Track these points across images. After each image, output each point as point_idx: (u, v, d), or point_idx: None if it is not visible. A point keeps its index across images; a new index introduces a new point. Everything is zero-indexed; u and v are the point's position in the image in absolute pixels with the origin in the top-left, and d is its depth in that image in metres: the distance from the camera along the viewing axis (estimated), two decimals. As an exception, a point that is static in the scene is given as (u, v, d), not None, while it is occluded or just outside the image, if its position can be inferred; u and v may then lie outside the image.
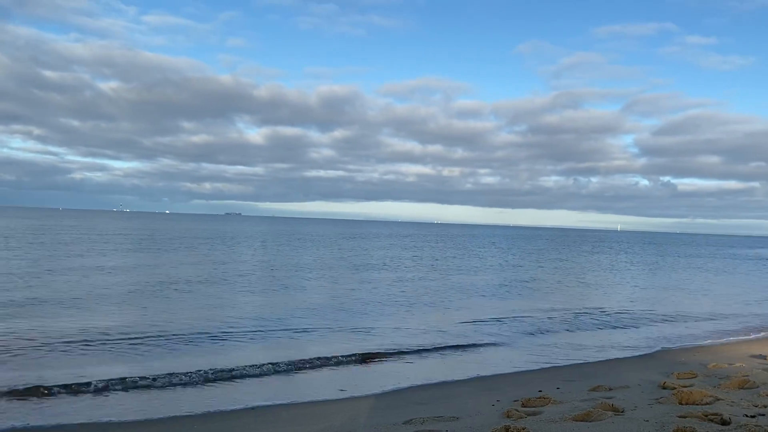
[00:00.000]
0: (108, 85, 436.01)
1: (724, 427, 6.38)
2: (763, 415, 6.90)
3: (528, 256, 57.90)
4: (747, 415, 6.85)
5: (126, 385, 9.79)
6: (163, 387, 9.92)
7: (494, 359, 12.89)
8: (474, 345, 14.13)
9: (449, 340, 14.52)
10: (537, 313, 19.74)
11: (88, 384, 9.55)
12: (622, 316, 19.92)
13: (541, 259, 53.68)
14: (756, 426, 6.18)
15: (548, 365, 12.26)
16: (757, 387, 8.77)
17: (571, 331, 16.52)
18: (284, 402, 9.32)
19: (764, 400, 7.84)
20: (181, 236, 69.29)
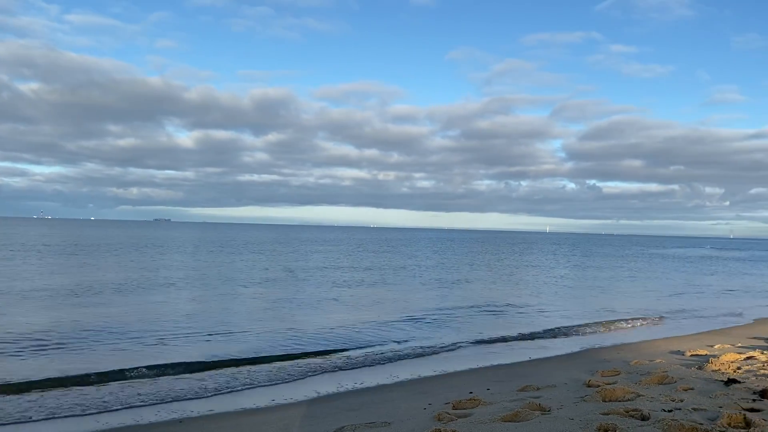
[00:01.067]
0: (28, 87, 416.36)
1: (643, 422, 6.61)
2: (680, 409, 7.20)
3: (463, 257, 58.84)
4: (665, 410, 7.13)
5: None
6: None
7: (428, 363, 12.97)
8: (409, 346, 14.18)
9: (383, 338, 14.53)
10: (467, 312, 20.05)
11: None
12: (549, 315, 20.48)
13: (474, 260, 54.63)
14: (672, 420, 6.43)
15: (479, 366, 12.45)
16: (675, 382, 9.16)
17: (502, 331, 16.80)
18: (215, 412, 9.07)
19: (681, 394, 8.18)
20: (106, 243, 66.73)
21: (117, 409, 9.22)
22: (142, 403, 9.53)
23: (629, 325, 18.59)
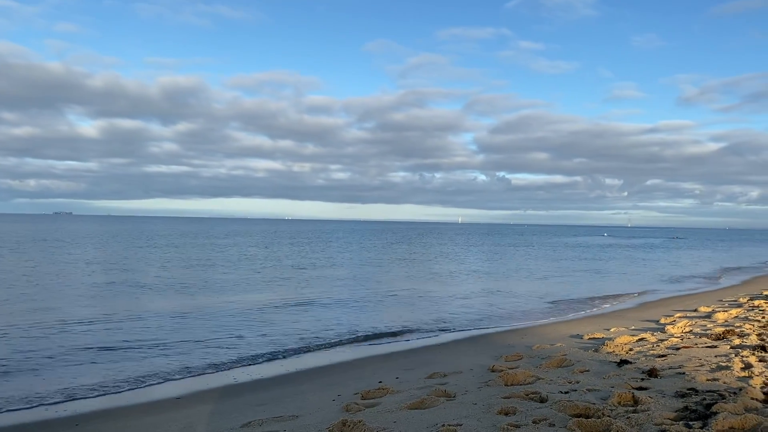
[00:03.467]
0: None
1: (542, 404, 6.90)
2: (575, 390, 7.57)
3: (377, 248, 59.29)
4: (562, 392, 7.48)
5: None
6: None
7: (337, 355, 13.00)
8: (318, 338, 14.15)
9: (293, 331, 14.43)
10: (378, 301, 20.26)
11: None
12: (457, 303, 21.01)
13: (387, 251, 55.21)
14: (568, 401, 6.75)
15: (389, 354, 12.62)
16: (573, 365, 9.62)
17: (411, 321, 17.07)
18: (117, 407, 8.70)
19: (577, 376, 8.61)
20: (-1, 238, 62.50)
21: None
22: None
23: (533, 310, 19.36)
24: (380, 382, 9.53)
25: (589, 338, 13.10)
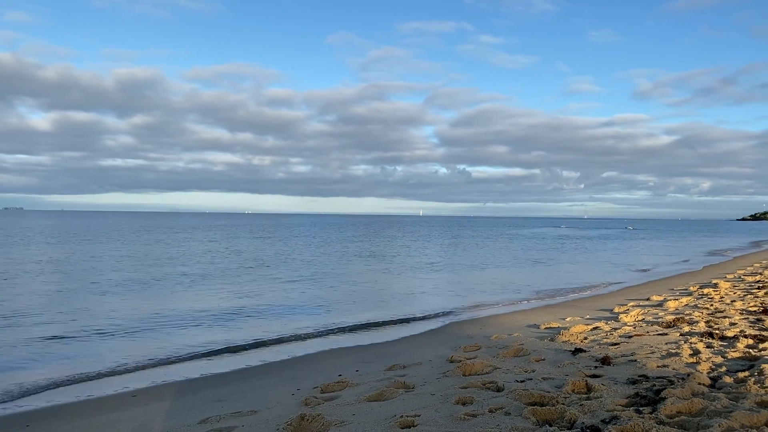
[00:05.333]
0: None
1: (498, 393, 7.02)
2: (531, 379, 7.72)
3: (341, 242, 59.16)
4: (518, 380, 7.62)
5: None
6: None
7: (298, 349, 12.94)
8: (277, 333, 14.07)
9: (251, 326, 14.31)
10: (339, 295, 20.25)
11: None
12: (418, 296, 21.15)
13: (348, 245, 55.14)
14: (524, 390, 6.89)
15: (350, 347, 12.62)
16: (529, 354, 9.80)
17: (372, 314, 17.12)
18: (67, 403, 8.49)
19: (533, 365, 8.77)
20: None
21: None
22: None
23: (493, 302, 19.63)
24: (340, 375, 9.54)
25: (546, 328, 13.35)
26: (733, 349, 9.02)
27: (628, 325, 12.56)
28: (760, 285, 18.70)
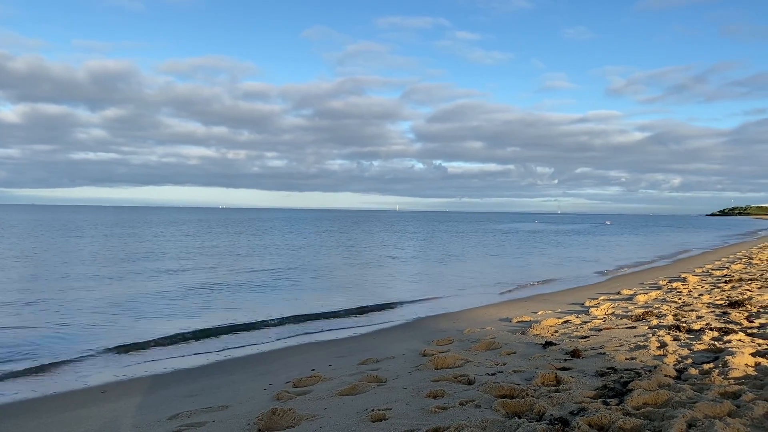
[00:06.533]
0: None
1: (469, 386, 7.07)
2: (501, 372, 7.79)
3: (316, 236, 58.99)
4: (488, 374, 7.68)
5: None
6: None
7: (269, 343, 12.90)
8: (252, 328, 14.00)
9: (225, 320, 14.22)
10: (309, 287, 20.21)
11: None
12: (391, 289, 21.20)
13: (323, 238, 55.04)
14: (494, 383, 6.95)
15: (322, 342, 12.62)
16: (500, 347, 9.89)
17: (346, 305, 17.12)
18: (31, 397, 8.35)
19: (504, 358, 8.86)
20: None
21: None
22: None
23: (465, 294, 19.76)
24: (313, 369, 9.52)
25: (518, 321, 13.47)
26: (699, 342, 9.20)
27: (598, 319, 12.73)
28: (727, 279, 19.10)
